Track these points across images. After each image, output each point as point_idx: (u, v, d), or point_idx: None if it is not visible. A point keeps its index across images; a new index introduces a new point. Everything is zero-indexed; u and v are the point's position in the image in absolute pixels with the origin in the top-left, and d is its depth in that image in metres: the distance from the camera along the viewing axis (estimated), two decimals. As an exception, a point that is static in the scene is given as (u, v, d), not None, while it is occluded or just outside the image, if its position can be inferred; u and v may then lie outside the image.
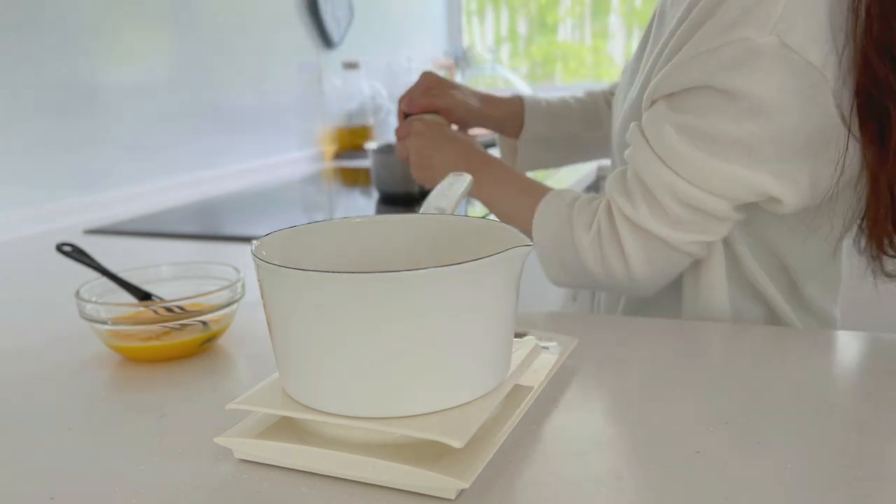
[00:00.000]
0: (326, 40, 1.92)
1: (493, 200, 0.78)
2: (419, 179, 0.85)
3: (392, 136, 1.20)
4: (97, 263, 0.67)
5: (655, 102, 0.67)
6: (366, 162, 1.74)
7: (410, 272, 0.38)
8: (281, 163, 1.76)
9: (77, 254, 0.68)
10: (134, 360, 0.61)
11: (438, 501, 0.39)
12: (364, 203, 1.40)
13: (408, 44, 2.35)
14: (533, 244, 0.43)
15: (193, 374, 0.58)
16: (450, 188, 0.59)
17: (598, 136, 0.99)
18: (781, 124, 0.60)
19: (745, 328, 0.66)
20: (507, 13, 2.81)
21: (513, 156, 0.99)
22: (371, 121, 2.01)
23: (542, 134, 0.97)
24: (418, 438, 0.41)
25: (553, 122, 0.97)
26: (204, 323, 0.61)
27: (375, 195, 1.39)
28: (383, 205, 1.33)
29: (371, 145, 1.35)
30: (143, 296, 0.66)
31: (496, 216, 0.79)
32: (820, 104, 0.59)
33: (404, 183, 1.29)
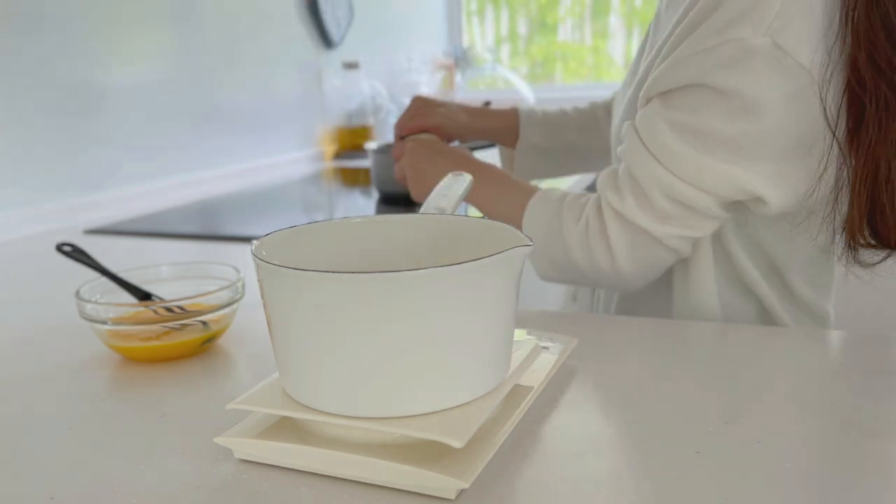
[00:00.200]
0: (326, 40, 1.92)
1: (485, 202, 0.80)
2: (417, 196, 0.86)
3: (392, 136, 1.20)
4: (97, 263, 0.67)
5: (651, 100, 0.67)
6: (366, 162, 1.74)
7: (410, 272, 0.38)
8: (281, 163, 1.76)
9: (77, 254, 0.68)
10: (134, 360, 0.61)
11: (438, 501, 0.39)
12: (364, 203, 1.40)
13: (408, 44, 2.35)
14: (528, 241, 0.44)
15: (193, 374, 0.58)
16: (450, 188, 0.59)
17: (597, 146, 0.99)
18: (772, 125, 0.60)
19: (745, 328, 0.66)
20: (507, 13, 2.81)
21: (510, 165, 1.01)
22: (371, 121, 2.01)
23: (538, 143, 0.98)
24: (418, 438, 0.41)
25: (549, 132, 0.98)
26: (204, 323, 0.61)
27: (375, 195, 1.39)
28: (383, 205, 1.33)
29: (371, 145, 1.35)
30: (143, 296, 0.66)
31: (488, 217, 0.80)
32: (809, 106, 0.60)
33: (404, 183, 1.29)
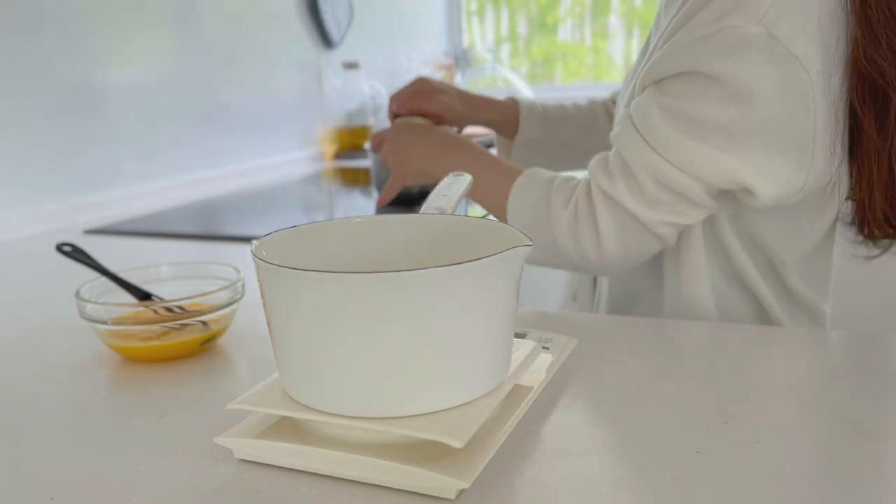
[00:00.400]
0: (326, 40, 1.92)
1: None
2: (397, 178, 0.87)
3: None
4: (97, 263, 0.67)
5: (646, 88, 0.68)
6: (366, 162, 1.74)
7: (410, 272, 0.38)
8: (281, 163, 1.76)
9: (77, 254, 0.68)
10: (134, 360, 0.61)
11: (438, 501, 0.39)
12: (364, 203, 1.40)
13: (408, 44, 2.35)
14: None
15: (193, 374, 0.58)
16: (450, 188, 0.59)
17: (595, 145, 0.99)
18: (765, 115, 0.61)
19: (745, 328, 0.66)
20: (507, 13, 2.81)
21: (507, 155, 1.00)
22: (371, 121, 2.01)
23: (537, 138, 0.98)
24: (418, 438, 0.41)
25: (548, 128, 0.98)
26: (204, 323, 0.61)
27: (375, 195, 1.39)
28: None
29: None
30: (143, 296, 0.66)
31: (471, 197, 0.80)
32: (802, 98, 0.61)
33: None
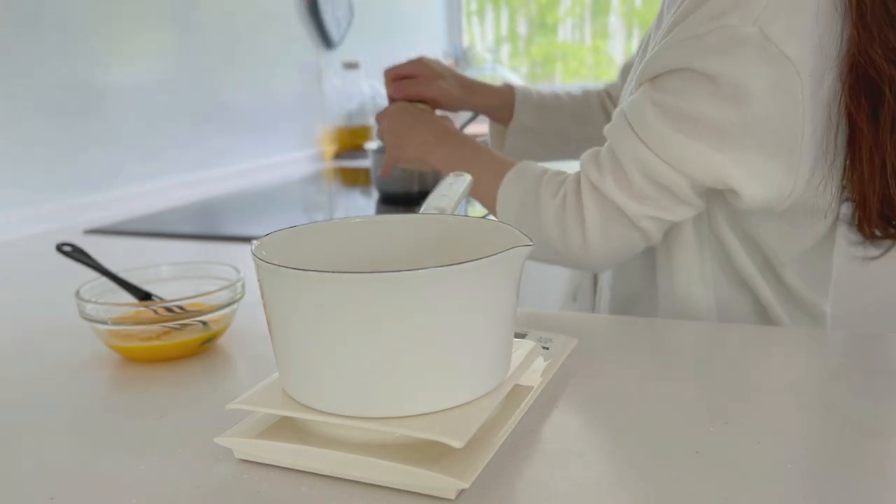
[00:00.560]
0: (326, 40, 1.92)
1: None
2: (392, 160, 0.88)
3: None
4: (97, 263, 0.67)
5: (641, 85, 0.68)
6: (366, 162, 1.74)
7: (410, 272, 0.38)
8: (281, 163, 1.76)
9: (77, 254, 0.68)
10: (134, 360, 0.61)
11: (438, 501, 0.39)
12: (364, 203, 1.40)
13: (408, 44, 2.35)
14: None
15: (193, 374, 0.58)
16: (450, 188, 0.59)
17: (589, 136, 1.00)
18: (757, 115, 0.61)
19: (745, 328, 0.66)
20: (507, 13, 2.80)
21: (500, 141, 1.01)
22: (371, 121, 2.01)
23: (532, 126, 0.98)
24: (418, 438, 0.41)
25: (543, 117, 0.98)
26: (204, 323, 0.61)
27: (375, 195, 1.39)
28: (383, 205, 1.33)
29: (371, 145, 1.35)
30: (143, 296, 0.66)
31: None
32: (794, 100, 0.61)
33: (404, 183, 1.29)
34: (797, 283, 0.75)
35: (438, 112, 0.93)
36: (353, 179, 1.68)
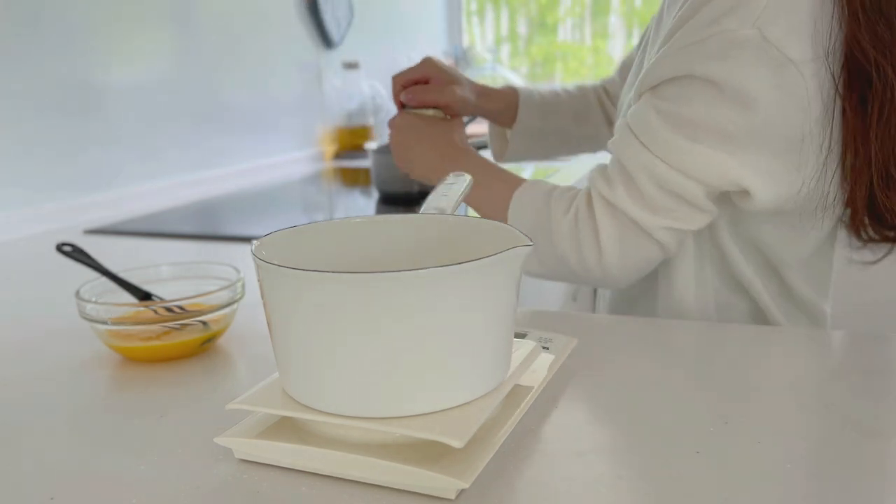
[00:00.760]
0: (326, 40, 1.92)
1: (471, 192, 0.79)
2: (402, 169, 0.87)
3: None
4: (97, 263, 0.67)
5: (643, 94, 0.68)
6: (366, 162, 1.74)
7: (410, 272, 0.38)
8: (281, 163, 1.76)
9: (77, 254, 0.68)
10: (134, 360, 0.61)
11: (438, 501, 0.39)
12: (364, 203, 1.40)
13: (408, 44, 2.35)
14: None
15: (193, 374, 0.58)
16: (450, 188, 0.59)
17: (588, 134, 1.00)
18: (760, 116, 0.61)
19: (745, 328, 0.66)
20: (507, 13, 2.81)
21: (501, 143, 1.00)
22: (371, 121, 2.01)
23: (534, 126, 0.98)
24: (418, 438, 0.41)
25: (545, 116, 0.98)
26: (204, 323, 0.61)
27: (375, 195, 1.39)
28: (383, 205, 1.33)
29: (371, 145, 1.35)
30: (143, 296, 0.66)
31: (471, 207, 0.80)
32: (797, 101, 0.61)
33: (404, 183, 1.29)
34: (798, 284, 0.75)
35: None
36: (353, 179, 1.68)
